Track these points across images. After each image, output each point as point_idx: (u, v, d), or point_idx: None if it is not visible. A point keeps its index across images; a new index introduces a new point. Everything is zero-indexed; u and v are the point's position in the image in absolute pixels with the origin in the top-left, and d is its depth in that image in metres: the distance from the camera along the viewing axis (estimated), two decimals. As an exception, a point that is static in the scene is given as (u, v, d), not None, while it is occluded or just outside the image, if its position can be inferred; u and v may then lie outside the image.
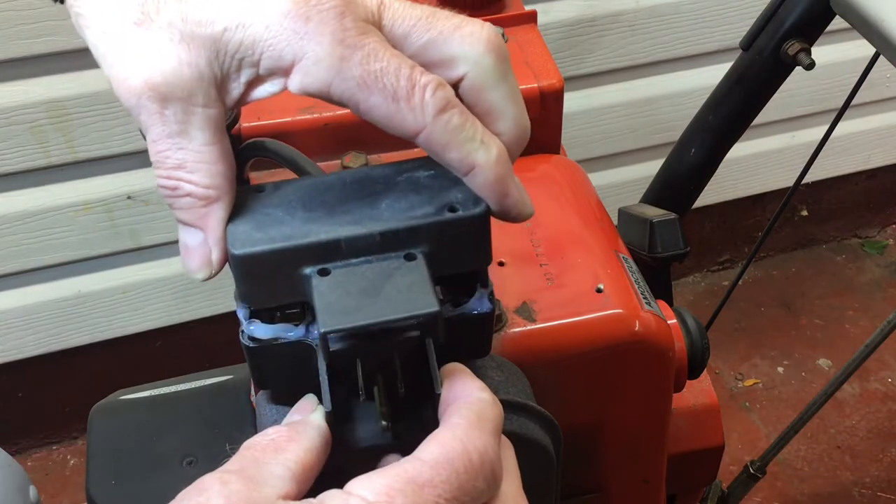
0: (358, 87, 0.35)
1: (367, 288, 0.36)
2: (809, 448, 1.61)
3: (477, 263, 0.39)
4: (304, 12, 0.35)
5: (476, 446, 0.35)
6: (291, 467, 0.35)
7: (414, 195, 0.38)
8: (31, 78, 1.22)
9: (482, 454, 0.35)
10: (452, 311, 0.40)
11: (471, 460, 0.34)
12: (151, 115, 0.36)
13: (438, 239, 0.37)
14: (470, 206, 0.38)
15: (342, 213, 0.38)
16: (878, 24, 0.77)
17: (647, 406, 0.59)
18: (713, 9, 1.50)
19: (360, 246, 0.37)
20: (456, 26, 0.38)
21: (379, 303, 0.35)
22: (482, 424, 0.36)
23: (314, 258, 0.37)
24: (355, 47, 0.35)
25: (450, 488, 0.33)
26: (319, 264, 0.37)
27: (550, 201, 0.63)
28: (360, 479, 0.33)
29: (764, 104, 0.97)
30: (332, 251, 0.37)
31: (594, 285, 0.56)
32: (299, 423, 0.37)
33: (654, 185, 1.08)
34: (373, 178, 0.39)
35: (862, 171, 1.88)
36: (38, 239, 1.35)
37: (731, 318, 1.80)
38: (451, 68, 0.38)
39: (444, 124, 0.36)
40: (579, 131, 1.55)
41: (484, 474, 0.35)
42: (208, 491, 0.33)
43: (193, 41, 0.35)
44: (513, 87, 0.39)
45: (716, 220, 1.85)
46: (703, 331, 0.60)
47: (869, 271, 1.94)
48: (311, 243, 0.36)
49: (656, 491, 0.64)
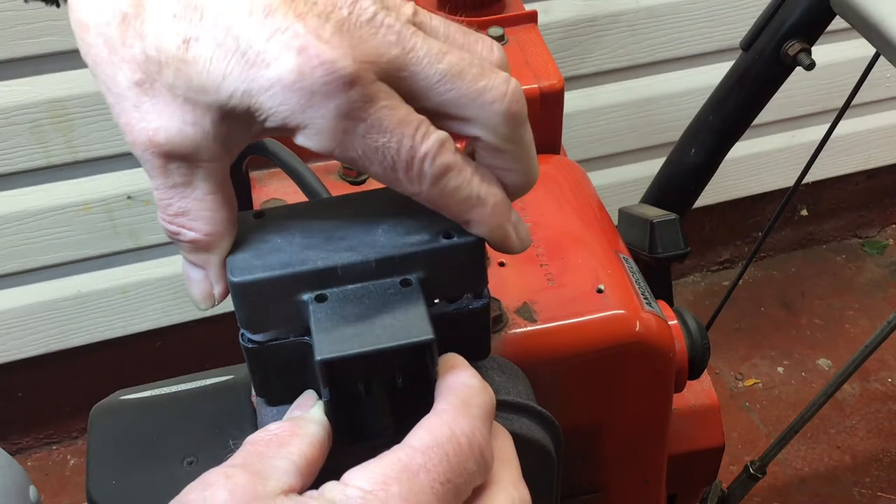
0: (359, 157, 0.35)
1: (363, 314, 0.37)
2: (809, 448, 1.61)
3: (472, 287, 0.41)
4: (308, 86, 0.33)
5: (463, 430, 0.35)
6: (295, 461, 0.35)
7: (410, 220, 0.39)
8: (31, 78, 1.22)
9: (470, 437, 0.35)
10: (448, 307, 0.40)
11: (459, 444, 0.35)
12: (155, 168, 0.36)
13: (433, 265, 0.38)
14: (465, 232, 0.39)
15: (339, 238, 0.39)
16: (878, 24, 0.77)
17: (648, 406, 0.59)
18: (713, 9, 1.50)
19: (357, 272, 0.38)
20: (480, 91, 0.36)
21: (375, 330, 0.36)
22: (468, 409, 0.36)
23: (311, 285, 0.38)
24: (359, 119, 0.34)
25: (442, 471, 0.34)
26: (317, 290, 0.38)
27: (550, 201, 0.63)
28: (356, 470, 0.34)
29: (764, 104, 0.97)
30: (329, 278, 0.38)
31: (594, 286, 0.56)
32: (300, 418, 0.38)
33: (654, 185, 1.08)
34: (370, 203, 0.40)
35: (862, 171, 1.88)
36: (38, 239, 1.35)
37: (731, 318, 1.80)
38: (466, 126, 0.37)
39: (440, 190, 0.37)
40: (579, 131, 1.55)
41: (474, 456, 0.35)
42: (213, 486, 0.33)
43: (197, 104, 0.35)
44: (526, 146, 0.39)
45: (716, 220, 1.85)
46: (704, 331, 0.60)
47: (869, 271, 1.94)
48: (308, 271, 0.37)
49: (656, 491, 0.64)
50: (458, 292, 0.40)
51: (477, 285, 0.41)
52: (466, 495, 0.36)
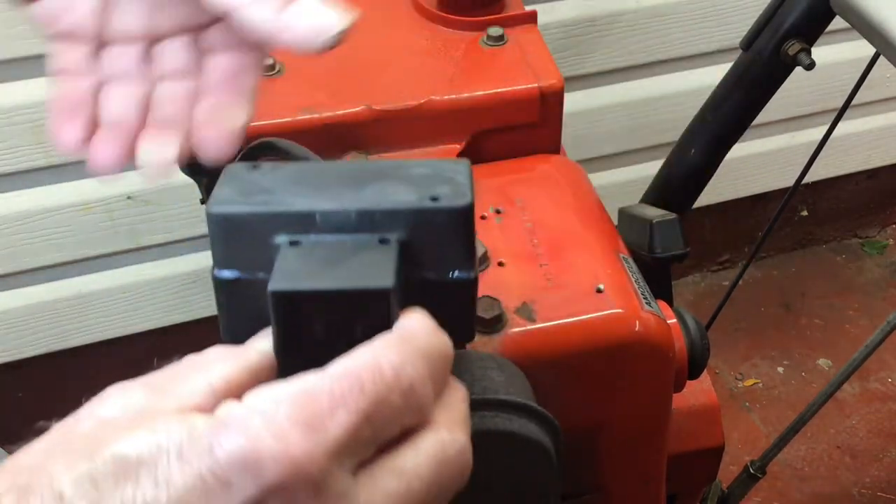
0: None
1: (330, 260, 0.36)
2: (809, 448, 1.61)
3: (457, 261, 0.38)
4: None
5: (391, 361, 0.32)
6: (213, 382, 0.33)
7: (402, 185, 0.38)
8: (31, 78, 1.22)
9: (398, 370, 0.32)
10: (428, 272, 0.38)
11: (382, 374, 0.32)
12: None
13: (415, 227, 0.37)
14: (454, 198, 0.37)
15: (325, 189, 0.38)
16: (879, 24, 0.77)
17: (647, 406, 0.59)
18: (713, 9, 1.50)
19: (335, 221, 0.37)
20: None
21: (336, 273, 0.35)
22: (404, 344, 0.33)
23: (288, 228, 0.37)
24: None
25: (353, 399, 0.31)
26: (292, 235, 0.37)
27: (550, 201, 0.63)
28: (257, 390, 0.32)
29: (764, 104, 0.97)
30: (307, 223, 0.37)
31: (594, 285, 0.56)
32: (243, 345, 0.36)
33: (654, 185, 1.08)
34: (369, 169, 0.39)
35: (862, 171, 1.88)
36: (38, 239, 1.35)
37: (731, 318, 1.80)
38: None
39: None
40: (579, 131, 1.55)
41: (401, 390, 0.32)
42: (108, 399, 0.33)
43: None
44: None
45: (716, 220, 1.85)
46: (703, 331, 0.60)
47: (869, 271, 1.94)
48: (286, 212, 0.37)
49: (656, 491, 0.64)
50: (441, 270, 0.38)
51: (462, 259, 0.38)
52: (390, 433, 0.32)
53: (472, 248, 0.39)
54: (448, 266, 0.38)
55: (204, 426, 0.30)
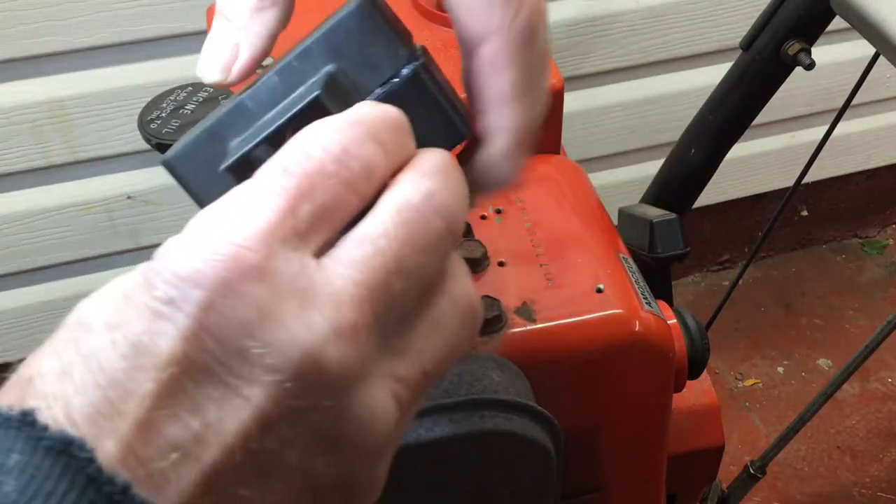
0: None
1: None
2: (809, 448, 1.61)
3: (394, 64, 0.35)
4: None
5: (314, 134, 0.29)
6: None
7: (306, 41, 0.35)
8: (31, 78, 1.22)
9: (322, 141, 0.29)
10: (378, 91, 0.35)
11: (305, 150, 0.29)
12: None
13: (334, 52, 0.34)
14: (348, 6, 0.34)
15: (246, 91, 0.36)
16: (879, 24, 0.77)
17: (647, 406, 0.59)
18: (713, 9, 1.50)
19: (263, 96, 0.34)
20: None
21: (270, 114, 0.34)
22: (331, 122, 0.30)
23: (229, 133, 0.34)
24: None
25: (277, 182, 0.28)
26: (238, 137, 0.34)
27: (550, 201, 0.63)
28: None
29: (764, 104, 0.97)
30: (243, 116, 0.34)
31: (594, 285, 0.56)
32: None
33: (654, 185, 1.08)
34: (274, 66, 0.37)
35: (862, 171, 1.88)
36: (38, 239, 1.36)
37: (731, 318, 1.80)
38: None
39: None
40: (579, 131, 1.55)
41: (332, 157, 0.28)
42: None
43: None
44: None
45: (716, 220, 1.86)
46: (703, 331, 0.60)
47: (869, 271, 1.94)
48: (218, 118, 0.34)
49: (656, 491, 0.64)
50: (381, 73, 0.35)
51: (394, 54, 0.35)
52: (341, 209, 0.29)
53: (395, 38, 0.35)
54: (387, 70, 0.35)
55: (142, 266, 0.28)
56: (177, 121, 0.55)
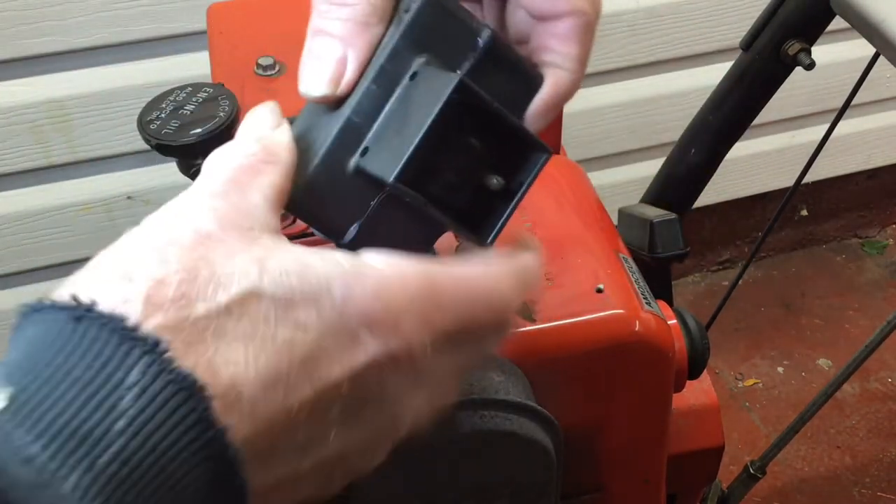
0: None
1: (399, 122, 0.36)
2: (809, 448, 1.61)
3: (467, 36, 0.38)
4: None
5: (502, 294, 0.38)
6: (268, 196, 0.35)
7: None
8: (31, 78, 1.22)
9: (506, 302, 0.38)
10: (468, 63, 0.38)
11: (490, 301, 0.37)
12: None
13: (418, 41, 0.37)
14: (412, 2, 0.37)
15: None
16: (879, 24, 0.77)
17: (647, 406, 0.59)
18: (713, 9, 1.50)
19: (366, 107, 0.36)
20: None
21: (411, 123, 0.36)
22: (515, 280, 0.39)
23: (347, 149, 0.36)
24: None
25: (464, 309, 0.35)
26: (354, 152, 0.36)
27: (550, 201, 0.63)
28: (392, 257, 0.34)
29: (764, 104, 0.97)
30: (352, 132, 0.36)
31: (594, 285, 0.56)
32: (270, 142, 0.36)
33: (654, 185, 1.08)
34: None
35: (862, 171, 1.88)
36: (38, 239, 1.35)
37: (731, 318, 1.80)
38: None
39: None
40: (579, 131, 1.55)
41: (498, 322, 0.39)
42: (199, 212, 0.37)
43: None
44: None
45: (716, 220, 1.86)
46: (703, 331, 0.60)
47: (869, 271, 1.94)
48: (334, 137, 0.36)
49: (656, 491, 0.64)
50: (459, 48, 0.38)
51: (466, 26, 0.38)
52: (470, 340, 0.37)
53: (466, 15, 0.38)
54: (467, 44, 0.38)
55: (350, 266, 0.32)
56: (176, 121, 0.55)
